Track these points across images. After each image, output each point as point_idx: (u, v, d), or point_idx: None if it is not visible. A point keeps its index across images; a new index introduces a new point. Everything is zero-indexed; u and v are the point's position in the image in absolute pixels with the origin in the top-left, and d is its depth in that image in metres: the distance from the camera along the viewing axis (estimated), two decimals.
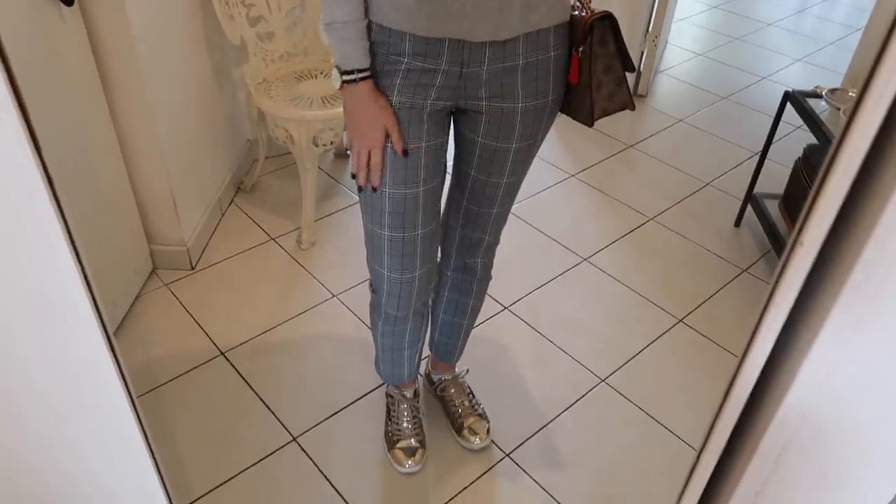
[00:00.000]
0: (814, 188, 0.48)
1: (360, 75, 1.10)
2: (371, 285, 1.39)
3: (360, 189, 1.22)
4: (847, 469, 0.62)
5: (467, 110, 1.18)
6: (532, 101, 1.16)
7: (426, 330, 1.57)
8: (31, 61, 1.48)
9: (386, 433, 1.64)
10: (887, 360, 0.53)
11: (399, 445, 1.60)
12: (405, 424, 1.62)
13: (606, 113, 1.18)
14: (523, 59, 1.10)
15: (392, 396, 1.64)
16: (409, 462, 1.58)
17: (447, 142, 1.23)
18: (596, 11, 1.11)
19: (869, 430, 0.58)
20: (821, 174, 0.48)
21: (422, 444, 1.62)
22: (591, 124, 1.17)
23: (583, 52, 1.12)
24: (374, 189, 1.19)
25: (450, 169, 1.33)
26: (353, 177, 1.20)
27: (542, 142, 1.26)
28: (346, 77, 1.10)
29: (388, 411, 1.66)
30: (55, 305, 0.74)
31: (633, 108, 1.21)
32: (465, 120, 1.21)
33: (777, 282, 0.51)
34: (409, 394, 1.63)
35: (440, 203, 1.30)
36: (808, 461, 0.62)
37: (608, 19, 1.12)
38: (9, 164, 0.63)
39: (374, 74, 1.11)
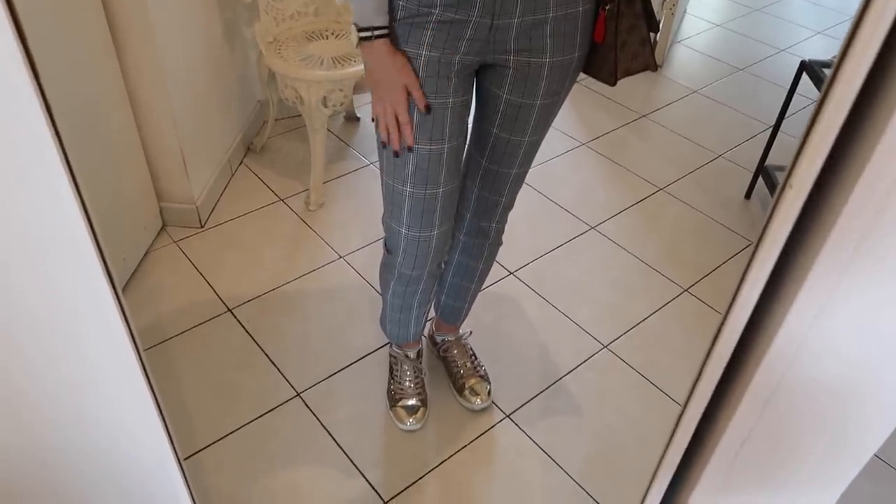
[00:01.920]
0: (804, 131, 0.48)
1: (378, 33, 1.09)
2: (385, 244, 1.39)
3: (382, 145, 1.21)
4: (832, 417, 0.63)
5: (494, 65, 1.17)
6: (559, 56, 1.15)
7: (436, 292, 1.57)
8: (42, 16, 1.48)
9: (389, 391, 1.67)
10: (874, 307, 0.53)
11: (401, 403, 1.62)
12: (407, 383, 1.64)
13: (629, 73, 1.19)
14: (553, 11, 1.09)
15: (395, 356, 1.66)
16: (411, 420, 1.61)
17: (472, 100, 1.23)
18: None
19: (855, 376, 0.58)
20: (811, 117, 0.48)
21: (423, 402, 1.64)
22: (613, 83, 1.17)
23: (609, 11, 1.12)
24: (410, 149, 1.18)
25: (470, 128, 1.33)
26: (379, 141, 1.20)
27: (564, 100, 1.26)
28: (362, 34, 1.09)
29: (392, 370, 1.68)
30: (57, 246, 0.75)
31: (654, 68, 1.21)
32: (491, 75, 1.20)
33: (767, 223, 0.51)
34: (412, 354, 1.65)
35: (462, 162, 1.29)
36: (794, 409, 0.63)
37: None
38: (10, 98, 0.64)
39: (393, 33, 1.10)
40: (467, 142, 1.34)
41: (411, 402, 1.62)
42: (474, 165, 1.36)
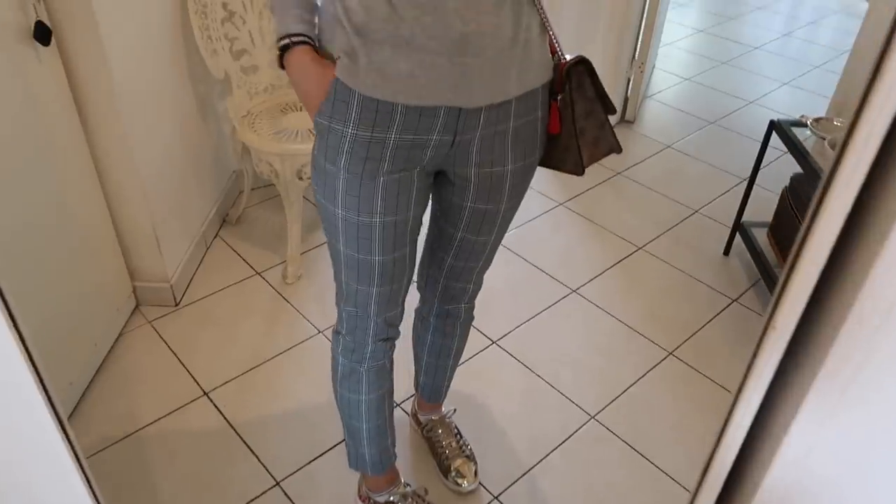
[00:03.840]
0: (784, 271, 0.47)
1: (296, 39, 1.00)
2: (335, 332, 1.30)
3: (334, 249, 1.16)
4: None
5: (455, 177, 1.14)
6: (521, 161, 1.13)
7: (390, 405, 1.41)
8: (7, 103, 1.46)
9: None
10: (865, 443, 0.51)
11: None
12: None
13: (594, 158, 1.14)
14: (514, 121, 1.07)
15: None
16: None
17: (424, 211, 1.18)
18: (569, 58, 1.08)
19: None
20: (792, 255, 0.46)
21: None
22: (581, 173, 1.12)
23: (561, 101, 1.09)
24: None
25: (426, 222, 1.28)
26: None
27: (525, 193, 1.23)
28: (281, 43, 1.01)
29: None
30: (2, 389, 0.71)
31: (619, 150, 1.16)
32: (452, 187, 1.17)
33: (751, 366, 0.49)
34: (394, 497, 1.47)
35: (413, 262, 1.22)
36: None
37: (583, 63, 1.08)
38: None
39: (316, 41, 1.03)
40: (427, 232, 1.30)
41: None
42: (438, 260, 1.33)
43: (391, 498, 1.48)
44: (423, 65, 0.95)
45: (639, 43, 3.12)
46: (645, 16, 3.04)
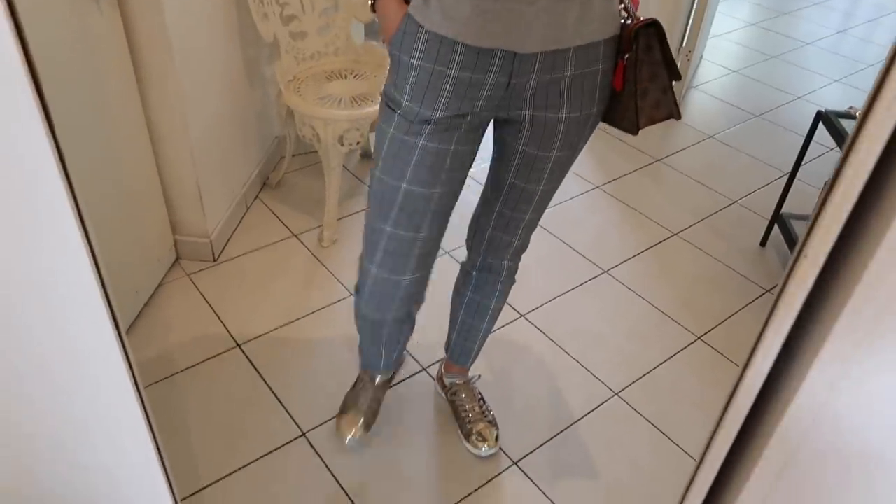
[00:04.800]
0: (820, 198, 0.47)
1: None
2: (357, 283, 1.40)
3: (374, 178, 1.21)
4: (852, 490, 0.60)
5: (510, 119, 1.18)
6: (577, 112, 1.15)
7: (408, 336, 1.56)
8: (67, 51, 1.52)
9: (343, 400, 1.69)
10: (890, 383, 0.51)
11: (349, 414, 1.64)
12: (361, 401, 1.65)
13: (653, 121, 1.17)
14: (572, 70, 1.10)
15: (361, 378, 1.68)
16: (350, 435, 1.62)
17: (477, 151, 1.23)
18: (642, 19, 1.11)
19: (876, 448, 0.56)
20: (829, 183, 0.47)
21: (368, 425, 1.64)
22: (636, 132, 1.16)
23: (628, 60, 1.12)
24: (398, 187, 1.18)
25: (486, 170, 1.34)
26: (375, 162, 1.20)
27: (581, 149, 1.26)
28: None
29: (354, 384, 1.70)
30: (66, 291, 0.75)
31: (678, 117, 1.19)
32: (508, 128, 1.21)
33: (780, 294, 0.50)
34: (377, 381, 1.66)
35: (449, 213, 1.28)
36: (809, 481, 0.61)
37: (654, 26, 1.11)
38: (23, 144, 0.64)
39: None
40: (483, 182, 1.35)
41: (359, 418, 1.63)
42: (488, 207, 1.37)
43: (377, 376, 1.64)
44: (481, 9, 1.01)
45: (687, 30, 3.08)
46: (696, 3, 3.00)
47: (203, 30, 1.96)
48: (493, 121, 1.23)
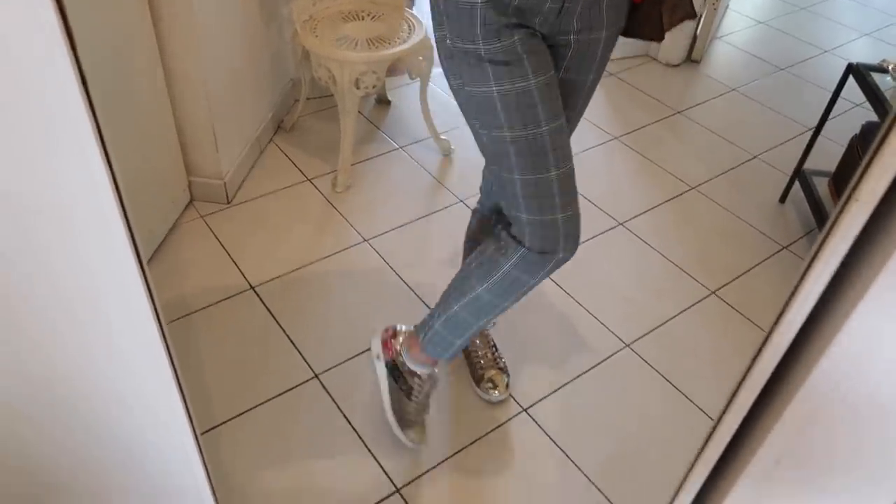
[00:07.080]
0: (875, 142, 0.45)
1: None
2: (515, 240, 1.26)
3: (505, 142, 1.17)
4: (871, 447, 0.60)
5: (556, 45, 1.19)
6: (612, 28, 1.19)
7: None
8: None
9: (399, 409, 1.49)
10: None
11: (414, 427, 1.52)
12: (422, 409, 1.51)
13: (672, 24, 1.21)
14: None
15: (421, 379, 1.45)
16: (416, 440, 1.53)
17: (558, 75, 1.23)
18: None
19: None
20: (887, 121, 0.45)
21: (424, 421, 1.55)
22: (661, 38, 1.20)
23: None
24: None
25: None
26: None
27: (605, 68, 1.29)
28: None
29: (410, 390, 1.47)
30: (86, 218, 0.75)
31: (693, 17, 1.23)
32: (552, 55, 1.21)
33: (825, 238, 0.48)
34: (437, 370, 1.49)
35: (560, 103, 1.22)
36: (834, 434, 0.60)
37: None
38: (45, 68, 0.63)
39: None
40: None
41: (421, 424, 1.53)
42: None
43: (420, 370, 1.45)
44: None
45: None
46: None
47: None
48: None
